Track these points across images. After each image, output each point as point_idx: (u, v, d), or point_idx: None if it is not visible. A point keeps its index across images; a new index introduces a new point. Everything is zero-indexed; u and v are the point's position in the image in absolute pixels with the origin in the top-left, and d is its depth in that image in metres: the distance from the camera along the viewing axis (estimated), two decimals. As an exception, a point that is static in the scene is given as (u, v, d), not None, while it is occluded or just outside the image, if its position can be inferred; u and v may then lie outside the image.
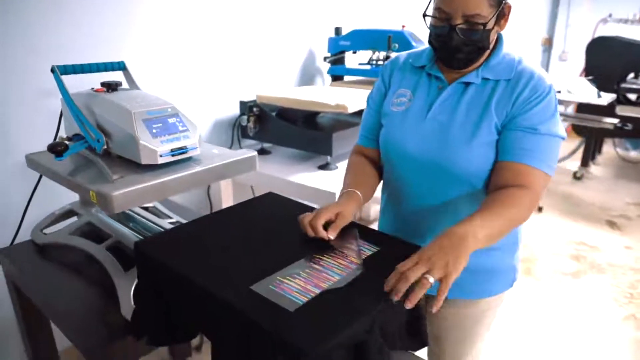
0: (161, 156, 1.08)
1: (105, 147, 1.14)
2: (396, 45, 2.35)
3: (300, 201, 1.23)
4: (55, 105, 1.36)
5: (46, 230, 1.45)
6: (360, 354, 0.74)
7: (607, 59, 4.41)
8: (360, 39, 2.59)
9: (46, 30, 1.66)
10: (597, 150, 5.06)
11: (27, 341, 1.51)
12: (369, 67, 2.60)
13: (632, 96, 4.40)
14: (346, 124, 2.15)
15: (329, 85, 2.79)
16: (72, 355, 1.81)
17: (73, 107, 1.17)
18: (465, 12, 0.94)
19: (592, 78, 4.13)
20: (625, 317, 2.44)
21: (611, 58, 4.39)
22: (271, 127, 2.17)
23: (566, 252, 3.13)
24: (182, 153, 1.12)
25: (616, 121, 3.79)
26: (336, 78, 2.81)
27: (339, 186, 1.16)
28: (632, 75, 4.48)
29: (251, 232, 1.05)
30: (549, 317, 2.44)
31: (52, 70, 1.21)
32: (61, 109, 1.30)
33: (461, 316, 1.21)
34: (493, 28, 0.99)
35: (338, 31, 2.72)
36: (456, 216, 1.05)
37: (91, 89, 1.24)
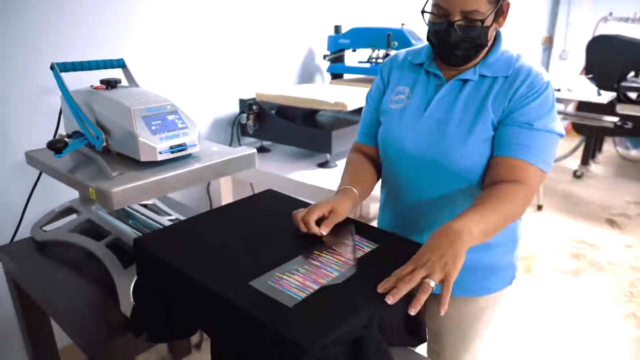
0: (160, 153, 1.08)
1: (104, 144, 1.14)
2: (396, 43, 2.35)
3: (300, 199, 1.23)
4: (54, 103, 1.36)
5: (46, 228, 1.45)
6: (358, 349, 0.74)
7: (608, 57, 4.40)
8: (360, 37, 2.58)
9: (46, 30, 1.66)
10: (598, 149, 5.06)
11: (27, 338, 1.52)
12: (368, 65, 2.61)
13: (632, 95, 4.39)
14: (345, 121, 2.15)
15: (329, 84, 2.79)
16: (72, 353, 1.81)
17: (72, 104, 1.17)
18: (463, 9, 0.95)
19: (592, 76, 4.13)
20: (625, 315, 2.44)
21: (611, 57, 4.39)
22: (271, 125, 2.17)
23: (566, 250, 3.13)
24: (181, 150, 1.12)
25: (616, 119, 3.78)
26: (336, 76, 2.81)
27: (338, 184, 1.16)
28: (632, 73, 4.47)
29: (250, 228, 1.05)
30: (548, 315, 2.44)
31: (52, 68, 1.21)
32: (61, 106, 1.30)
33: (460, 313, 1.21)
34: (491, 25, 0.99)
35: (338, 29, 2.72)
36: (454, 211, 1.05)
37: (90, 86, 1.24)
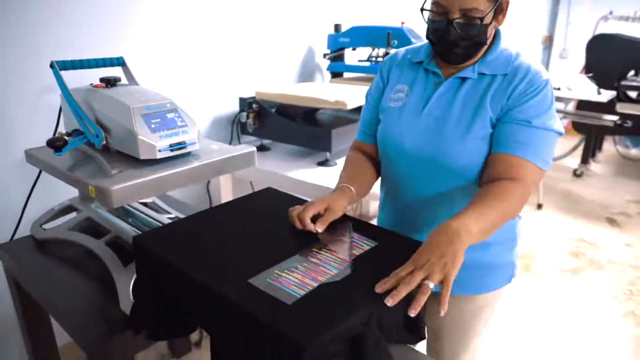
0: (160, 151, 1.08)
1: (104, 142, 1.14)
2: (395, 42, 2.35)
3: (299, 197, 1.23)
4: (54, 102, 1.36)
5: (46, 226, 1.45)
6: (357, 346, 0.74)
7: (608, 56, 4.39)
8: (360, 35, 2.58)
9: (46, 29, 1.66)
10: (597, 148, 5.06)
11: (27, 336, 1.52)
12: (368, 64, 2.61)
13: (632, 94, 4.39)
14: (345, 120, 2.15)
15: (329, 82, 2.79)
16: (72, 351, 1.81)
17: (72, 102, 1.17)
18: (462, 6, 0.95)
19: (592, 75, 4.12)
20: (624, 313, 2.45)
21: (611, 55, 4.38)
22: (270, 123, 2.17)
23: (566, 249, 3.13)
24: (180, 148, 1.12)
25: (616, 118, 3.78)
26: (335, 75, 2.81)
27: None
28: (632, 72, 4.47)
29: (249, 226, 1.05)
30: (548, 313, 2.44)
31: (51, 66, 1.21)
32: (60, 104, 1.30)
33: (459, 311, 1.21)
34: (491, 23, 0.99)
35: (337, 28, 2.72)
36: (452, 209, 1.05)
37: (90, 84, 1.24)
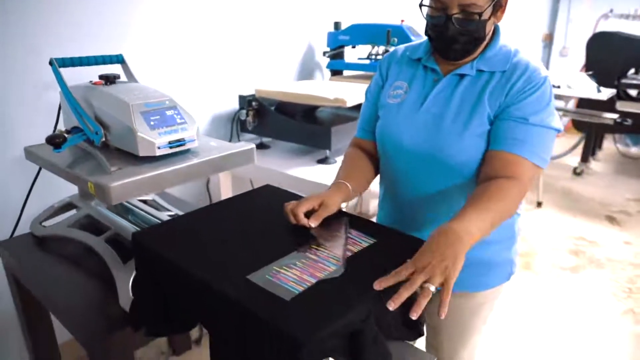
0: (159, 148, 1.08)
1: (103, 139, 1.14)
2: (395, 40, 2.35)
3: (299, 194, 1.23)
4: (54, 101, 1.36)
5: (45, 223, 1.45)
6: (355, 342, 0.74)
7: (608, 54, 4.39)
8: (360, 33, 2.58)
9: (46, 30, 1.67)
10: (598, 146, 5.06)
11: (27, 334, 1.52)
12: (368, 62, 2.61)
13: (632, 92, 4.39)
14: (345, 118, 2.15)
15: (328, 80, 2.79)
16: (72, 348, 1.81)
17: (71, 99, 1.17)
18: (461, 2, 0.95)
19: (592, 73, 4.12)
20: (623, 311, 2.45)
21: (612, 53, 4.37)
22: (270, 121, 2.17)
23: (565, 247, 3.13)
24: (180, 145, 1.12)
25: (616, 116, 3.78)
26: (335, 73, 2.81)
27: (336, 180, 1.17)
28: (632, 70, 4.46)
29: (248, 223, 1.06)
30: (547, 311, 2.44)
31: (51, 63, 1.21)
32: (60, 102, 1.30)
33: (458, 309, 1.21)
34: (489, 18, 0.99)
35: (337, 26, 2.72)
36: (450, 206, 1.05)
37: (89, 82, 1.25)
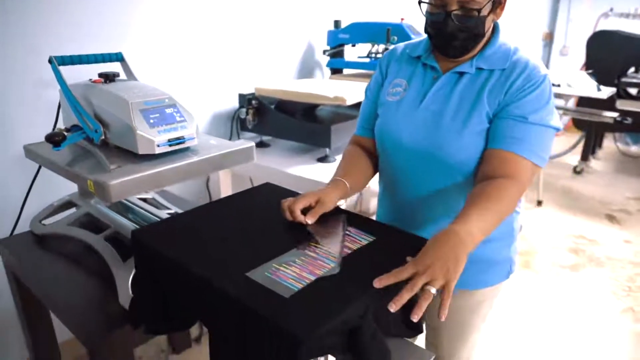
0: (158, 146, 1.08)
1: (102, 137, 1.14)
2: (395, 38, 2.35)
3: (298, 192, 1.23)
4: (54, 100, 1.36)
5: (45, 221, 1.45)
6: (354, 339, 0.74)
7: (608, 53, 4.39)
8: (360, 32, 2.58)
9: (46, 30, 1.67)
10: (598, 145, 5.06)
11: (27, 332, 1.52)
12: (368, 60, 2.61)
13: (632, 90, 4.38)
14: (345, 116, 2.15)
15: (328, 78, 2.79)
16: (72, 347, 1.82)
17: (71, 97, 1.17)
18: None
19: (592, 72, 4.12)
20: (623, 309, 2.45)
21: (612, 52, 4.37)
22: (270, 119, 2.17)
23: (565, 245, 3.13)
24: (179, 143, 1.12)
25: (616, 115, 3.78)
26: (335, 71, 2.81)
27: (336, 178, 1.17)
28: (632, 69, 4.46)
29: (248, 221, 1.06)
30: (547, 309, 2.45)
31: (50, 61, 1.21)
32: (59, 100, 1.30)
33: (457, 307, 1.20)
34: (489, 15, 0.99)
35: (337, 24, 2.72)
36: (448, 205, 1.05)
37: (89, 80, 1.25)
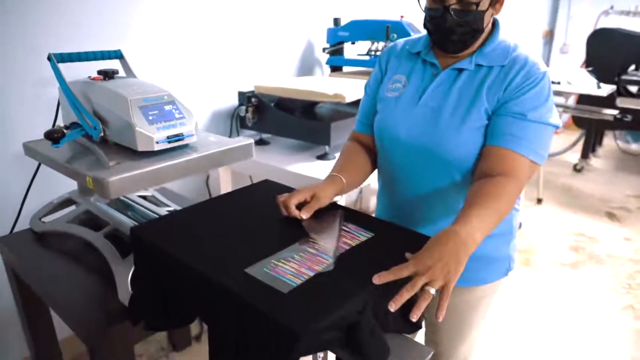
0: (157, 143, 1.08)
1: (102, 134, 1.15)
2: (394, 36, 2.34)
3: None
4: (54, 100, 1.36)
5: (45, 219, 1.46)
6: (352, 334, 0.74)
7: (608, 50, 4.38)
8: (359, 29, 2.58)
9: (46, 30, 1.67)
10: (598, 143, 5.06)
11: (28, 329, 1.53)
12: (367, 58, 2.60)
13: (632, 88, 4.38)
14: (344, 114, 2.15)
15: (328, 76, 2.79)
16: (72, 345, 1.82)
17: (69, 94, 1.17)
18: None
19: (592, 69, 4.11)
20: (623, 307, 2.45)
21: (612, 50, 4.37)
22: (270, 117, 2.17)
23: (565, 243, 3.13)
24: (178, 140, 1.12)
25: (616, 112, 3.77)
26: (335, 69, 2.81)
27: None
28: (632, 67, 4.45)
29: (247, 217, 1.06)
30: (547, 307, 2.45)
31: (49, 58, 1.21)
32: (58, 97, 1.30)
33: (456, 303, 1.20)
34: (487, 9, 0.98)
35: (337, 22, 2.71)
36: (447, 202, 1.05)
37: (88, 77, 1.25)
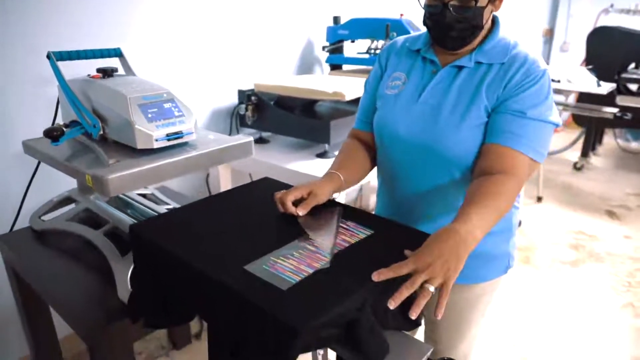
0: (157, 140, 1.08)
1: (101, 132, 1.15)
2: (394, 34, 2.34)
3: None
4: (54, 98, 1.36)
5: (44, 217, 1.46)
6: (351, 331, 0.74)
7: (608, 49, 4.38)
8: (359, 28, 2.58)
9: (46, 30, 1.67)
10: (598, 141, 5.05)
11: (28, 327, 1.53)
12: (367, 56, 2.60)
13: (632, 86, 4.37)
14: (344, 112, 2.15)
15: (328, 74, 2.79)
16: (71, 343, 1.82)
17: (69, 93, 1.17)
18: None
19: (592, 68, 4.11)
20: (623, 305, 2.45)
21: (612, 48, 4.36)
22: (269, 115, 2.17)
23: (565, 241, 3.13)
24: (177, 138, 1.12)
25: (616, 111, 3.77)
26: (335, 67, 2.81)
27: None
28: (632, 65, 4.45)
29: (246, 215, 1.06)
30: (547, 305, 2.45)
31: (48, 57, 1.21)
32: (58, 96, 1.30)
33: (455, 301, 1.20)
34: (486, 6, 0.98)
35: (336, 20, 2.71)
36: (446, 200, 1.04)
37: (87, 75, 1.25)
